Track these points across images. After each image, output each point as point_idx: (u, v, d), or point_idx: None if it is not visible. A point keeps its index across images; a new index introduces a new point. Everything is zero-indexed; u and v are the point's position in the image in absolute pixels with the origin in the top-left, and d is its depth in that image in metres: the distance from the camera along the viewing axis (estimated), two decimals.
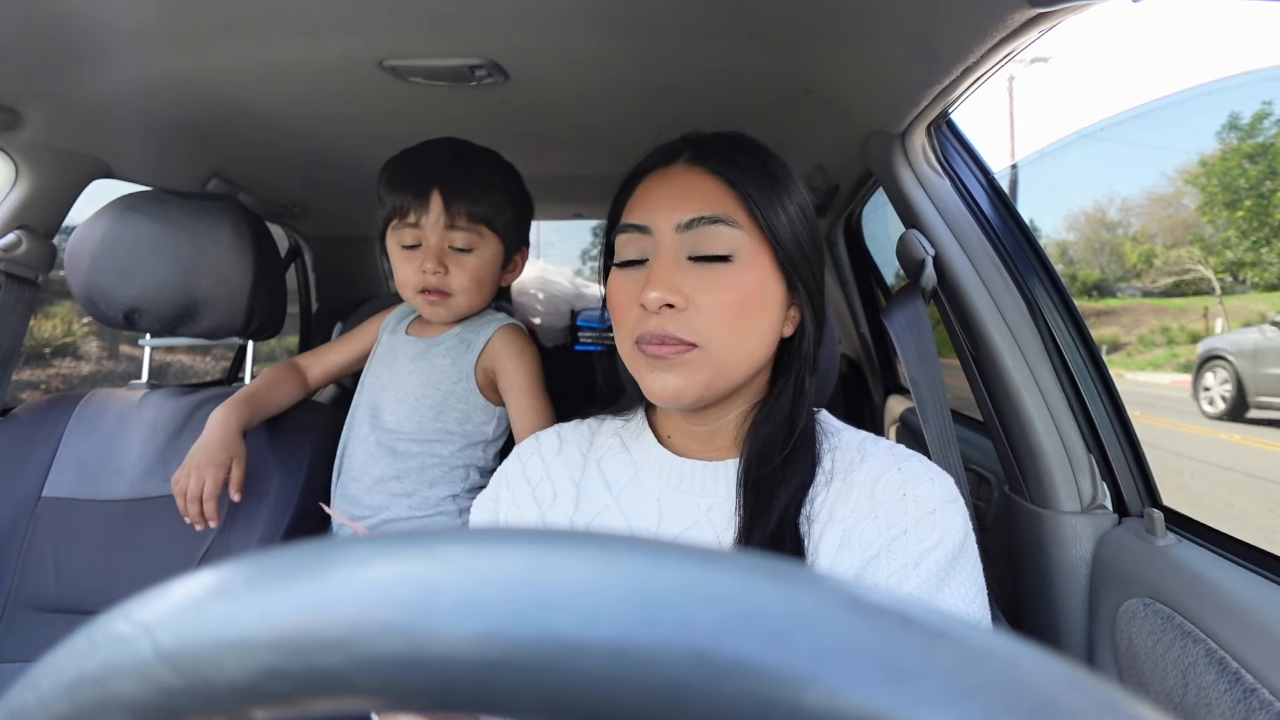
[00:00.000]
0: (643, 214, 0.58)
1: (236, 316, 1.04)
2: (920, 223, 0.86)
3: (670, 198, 0.57)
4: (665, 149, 0.61)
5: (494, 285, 0.98)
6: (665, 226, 0.56)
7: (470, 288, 0.94)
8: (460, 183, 0.91)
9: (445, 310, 0.95)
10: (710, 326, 0.55)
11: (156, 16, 0.76)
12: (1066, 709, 0.13)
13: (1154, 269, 13.41)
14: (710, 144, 0.60)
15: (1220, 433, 6.33)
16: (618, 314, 0.59)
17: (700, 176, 0.58)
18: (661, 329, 0.55)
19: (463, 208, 0.90)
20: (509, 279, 1.01)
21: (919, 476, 0.56)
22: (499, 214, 0.93)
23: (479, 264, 0.94)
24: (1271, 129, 11.13)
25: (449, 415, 0.96)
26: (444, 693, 0.14)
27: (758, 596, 0.14)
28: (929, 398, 0.83)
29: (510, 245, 0.97)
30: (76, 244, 0.99)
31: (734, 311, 0.55)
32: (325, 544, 0.16)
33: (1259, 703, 0.53)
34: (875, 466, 0.58)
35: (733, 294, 0.55)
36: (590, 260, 10.43)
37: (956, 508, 0.56)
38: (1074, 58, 75.61)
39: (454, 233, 0.91)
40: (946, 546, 0.53)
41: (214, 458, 0.89)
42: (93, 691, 0.15)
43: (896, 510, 0.55)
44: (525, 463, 0.67)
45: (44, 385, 5.89)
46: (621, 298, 0.59)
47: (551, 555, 0.15)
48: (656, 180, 0.59)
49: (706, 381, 0.55)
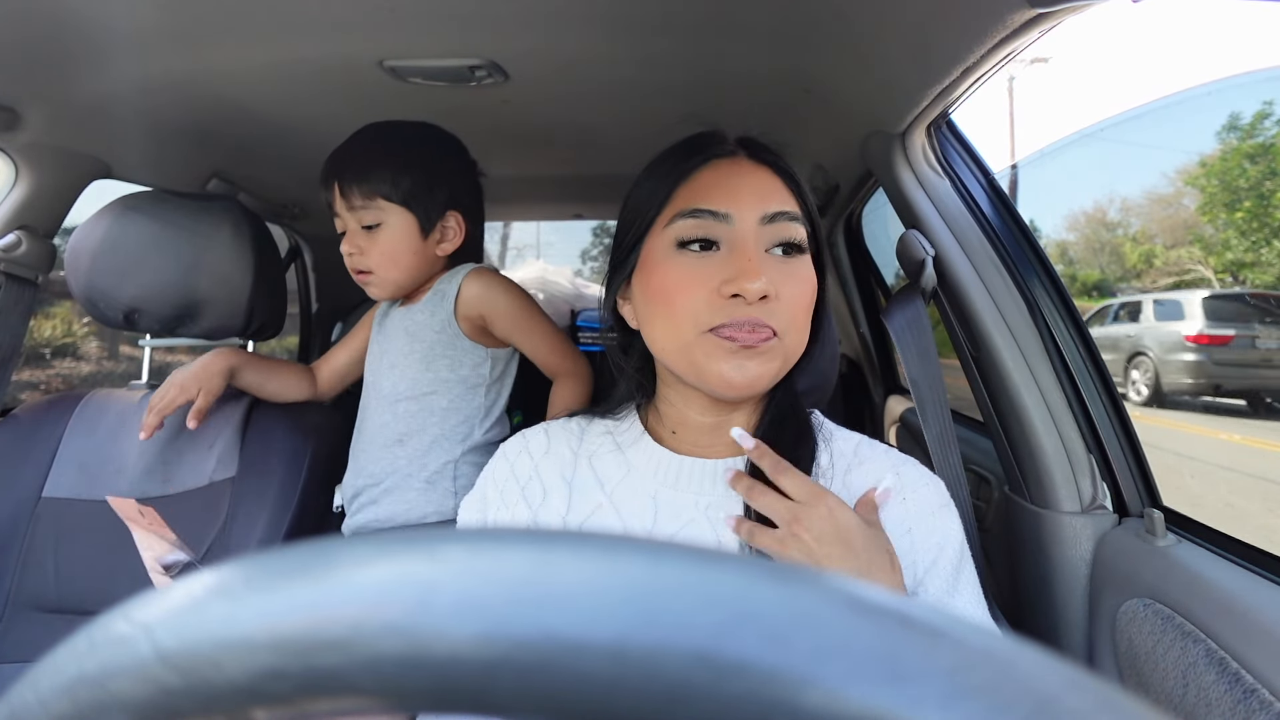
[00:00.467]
0: (720, 200, 0.57)
1: (236, 317, 1.04)
2: (920, 223, 0.86)
3: (751, 190, 0.57)
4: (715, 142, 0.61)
5: (422, 255, 0.96)
6: (750, 216, 0.56)
7: (385, 262, 0.94)
8: (348, 167, 0.93)
9: (377, 288, 0.97)
10: (790, 317, 0.56)
11: (156, 16, 0.76)
12: (1066, 709, 0.13)
13: (1154, 269, 13.41)
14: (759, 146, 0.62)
15: (1220, 433, 6.33)
16: (679, 299, 0.56)
17: (768, 174, 0.59)
18: (755, 316, 0.54)
19: (354, 187, 0.92)
20: (446, 248, 0.98)
21: (916, 481, 0.59)
22: (394, 186, 0.92)
23: (387, 238, 0.94)
24: (1272, 129, 11.13)
25: (438, 364, 0.97)
26: (444, 693, 0.14)
27: (758, 597, 0.14)
28: (929, 398, 0.83)
29: (425, 214, 0.95)
30: (76, 244, 0.99)
31: (805, 303, 0.58)
32: (325, 544, 0.16)
33: (1259, 703, 0.53)
34: (874, 470, 0.60)
35: (805, 286, 0.58)
36: (590, 260, 10.38)
37: (951, 511, 0.59)
38: (1074, 58, 75.61)
39: (357, 213, 0.93)
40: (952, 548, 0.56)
41: (184, 384, 0.96)
42: (93, 691, 0.15)
43: (897, 513, 0.57)
44: (513, 461, 0.66)
45: (44, 385, 5.89)
46: (687, 282, 0.56)
47: (552, 556, 0.15)
48: (726, 170, 0.59)
49: (777, 371, 0.57)
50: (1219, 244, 11.58)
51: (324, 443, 1.05)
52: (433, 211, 0.96)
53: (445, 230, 0.97)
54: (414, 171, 0.94)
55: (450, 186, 0.97)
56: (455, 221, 0.98)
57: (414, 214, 0.94)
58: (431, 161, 0.96)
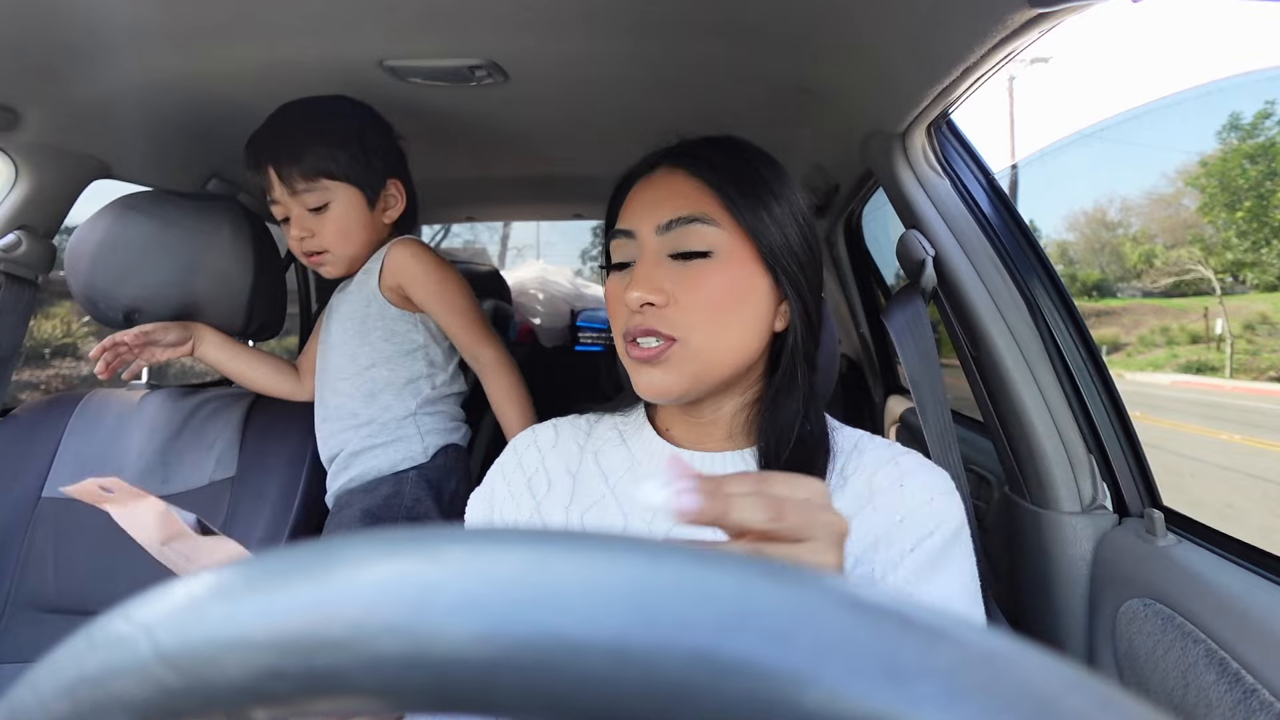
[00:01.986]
0: (627, 219, 0.61)
1: (236, 316, 1.04)
2: (920, 223, 0.86)
3: (651, 201, 0.60)
4: (650, 156, 0.64)
5: (371, 227, 0.98)
6: (646, 229, 0.59)
7: (339, 239, 0.95)
8: (280, 150, 0.93)
9: (332, 267, 0.98)
10: (690, 321, 0.57)
11: (156, 16, 0.76)
12: (1066, 709, 0.13)
13: (1154, 269, 13.41)
14: (692, 148, 0.62)
15: (1221, 433, 6.33)
16: (612, 314, 0.62)
17: (680, 179, 0.60)
18: (644, 324, 0.57)
19: (293, 170, 0.92)
20: (391, 215, 1.00)
21: (915, 469, 0.58)
22: (333, 162, 0.93)
23: (338, 215, 0.94)
24: (1272, 129, 11.13)
25: (372, 336, 0.99)
26: (444, 693, 0.14)
27: (758, 596, 0.14)
28: (929, 398, 0.83)
29: (368, 187, 0.96)
30: (76, 244, 0.99)
31: (713, 305, 0.57)
32: (326, 544, 0.16)
33: (1259, 703, 0.53)
34: (872, 460, 0.59)
35: (710, 289, 0.57)
36: (590, 260, 10.42)
37: (952, 499, 0.57)
38: (1074, 58, 75.59)
39: (301, 197, 0.93)
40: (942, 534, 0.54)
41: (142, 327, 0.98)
42: (93, 691, 0.15)
43: (894, 499, 0.56)
44: (521, 455, 0.67)
45: (44, 385, 5.89)
46: (613, 299, 0.62)
47: (551, 555, 0.15)
48: (641, 186, 0.62)
49: (693, 375, 0.57)
50: (1219, 244, 11.58)
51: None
52: (375, 182, 0.97)
53: (389, 199, 0.99)
54: (350, 145, 0.94)
55: (384, 154, 0.98)
56: (396, 189, 1.00)
57: (359, 188, 0.95)
58: (362, 133, 0.96)
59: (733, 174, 0.60)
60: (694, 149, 0.62)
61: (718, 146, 0.62)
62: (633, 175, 0.64)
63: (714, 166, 0.60)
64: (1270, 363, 10.21)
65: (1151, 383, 10.41)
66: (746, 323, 0.59)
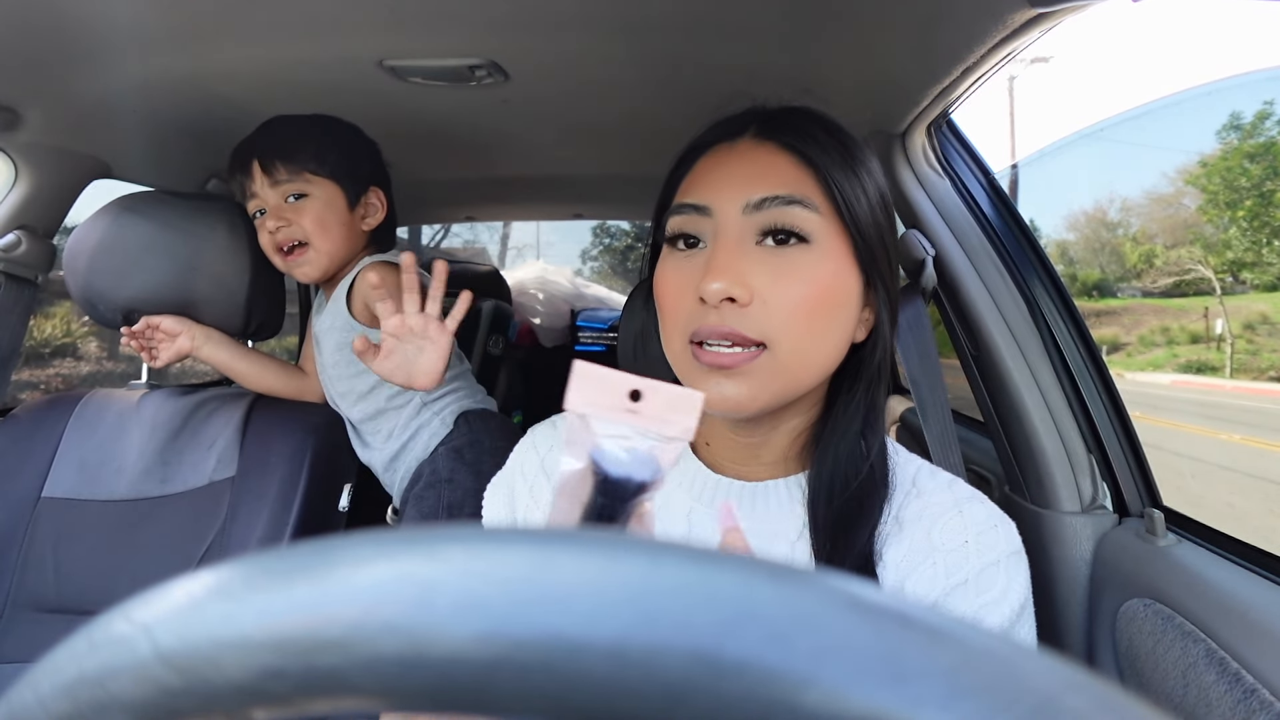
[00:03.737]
0: (703, 192, 0.51)
1: (235, 316, 1.04)
2: (920, 223, 0.86)
3: (737, 175, 0.50)
4: (728, 121, 0.54)
5: (348, 229, 0.99)
6: (730, 207, 0.49)
7: (318, 231, 0.96)
8: (269, 146, 0.95)
9: (310, 266, 0.98)
10: (782, 324, 0.47)
11: (156, 16, 0.76)
12: (1066, 709, 0.13)
13: (1154, 269, 13.42)
14: (783, 117, 0.53)
15: (1221, 433, 6.33)
16: (666, 306, 0.51)
17: (773, 152, 0.51)
18: (723, 326, 0.47)
19: (278, 162, 0.94)
20: (370, 223, 1.01)
21: (983, 523, 0.50)
22: (318, 160, 0.95)
23: (317, 207, 0.96)
24: (1272, 129, 11.13)
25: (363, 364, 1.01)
26: (444, 693, 0.14)
27: (758, 597, 0.14)
28: (929, 398, 0.83)
29: (350, 188, 0.98)
30: (74, 245, 0.99)
31: (809, 307, 0.48)
32: (325, 544, 0.16)
33: (1259, 703, 0.53)
34: (932, 506, 0.51)
35: (808, 286, 0.48)
36: (590, 260, 10.34)
37: (1020, 560, 0.50)
38: (1074, 58, 75.63)
39: (282, 186, 0.95)
40: (1010, 604, 0.48)
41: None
42: (93, 691, 0.15)
43: (957, 558, 0.48)
44: (543, 455, 0.61)
45: (44, 385, 5.89)
46: (671, 287, 0.51)
47: (552, 555, 0.15)
48: (721, 155, 0.52)
49: (777, 390, 0.48)
50: (1219, 244, 11.59)
51: (324, 442, 1.05)
52: (358, 185, 0.99)
53: (369, 206, 1.01)
54: (339, 146, 0.97)
55: (370, 163, 1.01)
56: (378, 198, 1.01)
57: (341, 186, 0.97)
58: (351, 139, 0.99)
59: (833, 151, 0.50)
60: (785, 118, 0.53)
61: (809, 117, 0.53)
62: (704, 141, 0.54)
63: (814, 140, 0.50)
64: (1270, 363, 10.22)
65: (1151, 382, 10.41)
66: (838, 331, 0.50)
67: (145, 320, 1.00)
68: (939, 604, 0.48)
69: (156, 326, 1.00)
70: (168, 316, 1.01)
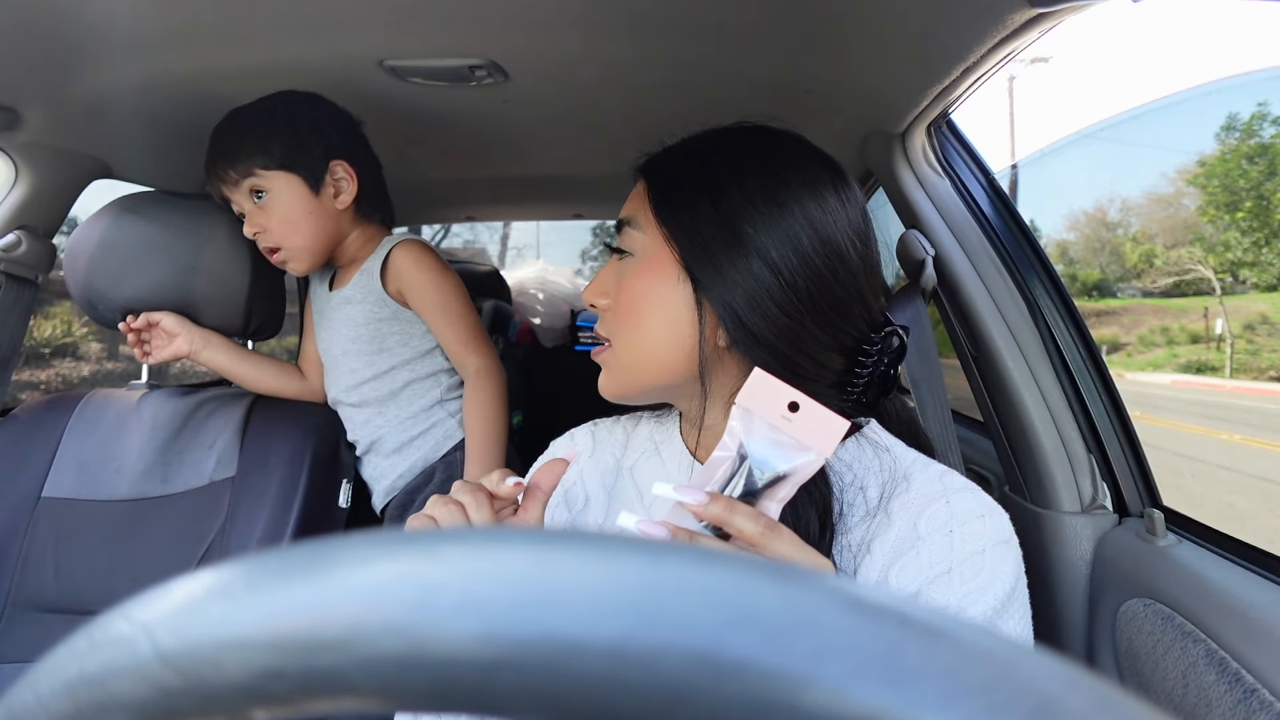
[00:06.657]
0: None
1: (235, 317, 1.04)
2: (920, 223, 0.86)
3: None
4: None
5: (319, 216, 0.96)
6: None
7: (285, 229, 0.95)
8: (215, 150, 0.94)
9: (295, 263, 0.98)
10: (615, 324, 0.57)
11: (156, 16, 0.76)
12: (1066, 709, 0.13)
13: (1154, 269, 13.42)
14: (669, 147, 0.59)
15: (1221, 433, 6.33)
16: None
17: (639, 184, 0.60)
18: (594, 330, 0.60)
19: (227, 170, 0.93)
20: (344, 200, 0.97)
21: (970, 513, 0.51)
22: (264, 153, 0.92)
23: (279, 204, 0.94)
24: (1271, 129, 11.14)
25: (389, 342, 1.00)
26: (444, 693, 0.14)
27: (758, 597, 0.14)
28: (929, 398, 0.83)
29: (307, 173, 0.94)
30: (74, 246, 0.99)
31: (628, 310, 0.56)
32: (325, 544, 0.16)
33: (1259, 703, 0.53)
34: (920, 496, 0.52)
35: (626, 293, 0.56)
36: (590, 260, 10.39)
37: (1008, 549, 0.51)
38: (1074, 58, 75.62)
39: (241, 187, 0.94)
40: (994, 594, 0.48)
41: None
42: (93, 691, 0.15)
43: (941, 547, 0.49)
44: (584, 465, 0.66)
45: (44, 385, 5.89)
46: None
47: (552, 555, 0.15)
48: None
49: (622, 379, 0.57)
50: (1219, 244, 11.59)
51: (324, 442, 1.05)
52: (315, 166, 0.95)
53: (337, 183, 0.97)
54: (280, 134, 0.93)
55: (323, 136, 0.95)
56: (344, 170, 0.97)
57: (296, 174, 0.94)
58: (295, 120, 0.94)
59: (671, 174, 0.56)
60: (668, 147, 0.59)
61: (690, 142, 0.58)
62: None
63: (654, 166, 0.58)
64: (1270, 363, 10.22)
65: (1151, 382, 10.42)
66: (660, 330, 0.54)
67: (145, 316, 1.00)
68: (921, 592, 0.48)
69: (156, 324, 1.00)
70: (168, 315, 1.00)
